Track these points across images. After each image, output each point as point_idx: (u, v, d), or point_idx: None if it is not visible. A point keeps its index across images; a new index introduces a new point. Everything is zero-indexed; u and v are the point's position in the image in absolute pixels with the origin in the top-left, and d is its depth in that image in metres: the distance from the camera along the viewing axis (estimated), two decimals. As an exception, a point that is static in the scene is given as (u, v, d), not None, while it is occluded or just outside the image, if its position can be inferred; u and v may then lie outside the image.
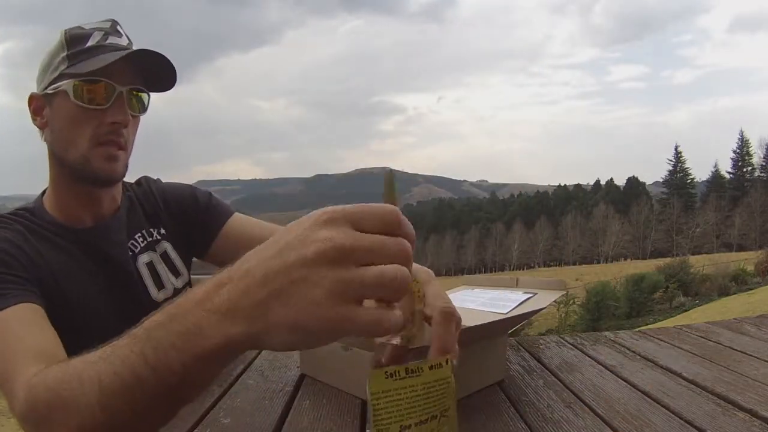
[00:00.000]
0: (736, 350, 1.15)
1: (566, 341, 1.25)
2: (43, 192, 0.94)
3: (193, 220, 1.05)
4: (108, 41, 0.87)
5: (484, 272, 71.00)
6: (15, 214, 0.89)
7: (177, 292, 0.99)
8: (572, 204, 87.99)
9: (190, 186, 1.09)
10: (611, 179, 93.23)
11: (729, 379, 0.95)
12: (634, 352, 1.15)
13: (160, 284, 0.97)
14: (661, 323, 12.94)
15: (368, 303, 0.38)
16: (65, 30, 0.87)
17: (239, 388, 0.91)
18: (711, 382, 0.93)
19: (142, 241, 0.98)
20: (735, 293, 17.44)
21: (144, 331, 0.46)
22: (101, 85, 0.84)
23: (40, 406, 0.55)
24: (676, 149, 77.74)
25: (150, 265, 0.97)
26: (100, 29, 0.87)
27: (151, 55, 0.87)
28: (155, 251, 0.99)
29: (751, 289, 17.52)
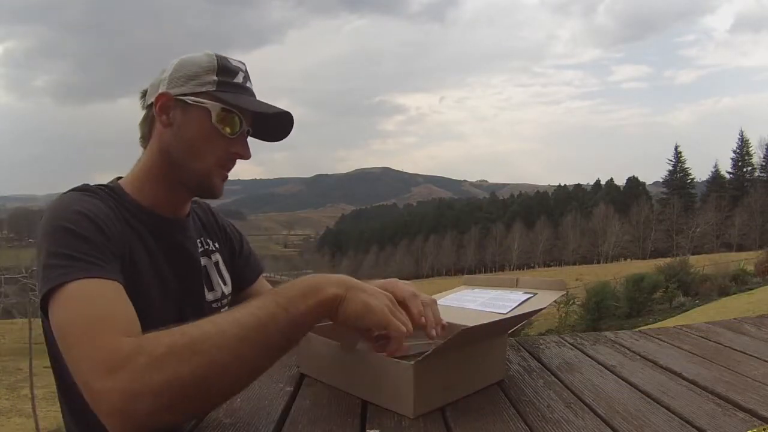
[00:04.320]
0: (736, 350, 1.15)
1: (566, 341, 1.25)
2: (117, 178, 0.98)
3: (236, 262, 1.15)
4: (247, 84, 0.98)
5: (484, 272, 70.97)
6: (101, 188, 0.92)
7: (224, 296, 1.07)
8: (572, 204, 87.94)
9: (239, 231, 1.21)
10: (611, 179, 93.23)
11: (729, 379, 0.95)
12: (634, 352, 1.15)
13: (210, 286, 1.04)
14: (661, 323, 12.93)
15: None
16: (216, 55, 0.95)
17: (239, 388, 0.91)
18: (711, 382, 0.93)
19: (201, 247, 1.05)
20: (735, 293, 17.39)
21: (273, 292, 0.72)
22: (236, 118, 0.94)
23: (158, 350, 0.63)
24: (676, 149, 77.72)
25: (204, 269, 1.04)
26: (241, 70, 0.97)
27: (285, 117, 0.99)
28: (210, 258, 1.07)
29: (751, 289, 17.46)
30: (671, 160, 77.83)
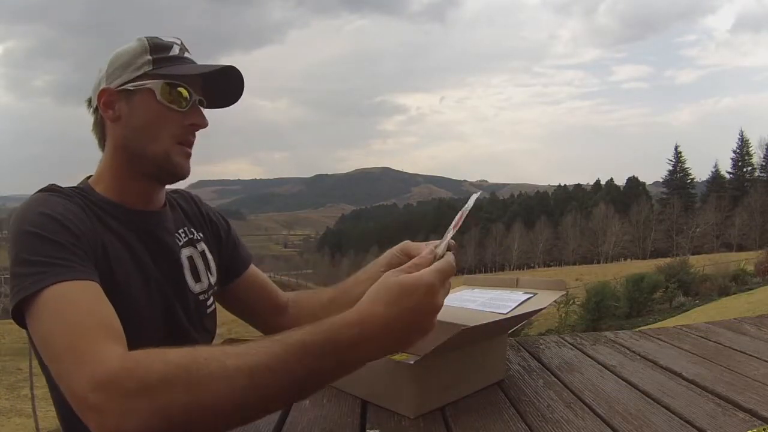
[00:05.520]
0: (736, 350, 1.15)
1: (566, 341, 1.25)
2: (86, 178, 0.96)
3: (223, 250, 1.10)
4: (185, 55, 0.95)
5: (484, 272, 70.92)
6: (70, 189, 0.89)
7: (210, 286, 1.03)
8: (572, 204, 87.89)
9: (226, 218, 1.16)
10: (611, 179, 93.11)
11: (729, 379, 0.95)
12: (634, 352, 1.15)
13: (197, 277, 1.00)
14: (661, 323, 12.91)
15: None
16: (145, 37, 0.93)
17: (239, 388, 0.91)
18: (711, 382, 0.93)
19: (184, 237, 1.01)
20: (735, 293, 17.36)
21: (303, 342, 0.60)
22: (183, 90, 0.91)
23: (150, 378, 0.58)
24: (676, 149, 77.63)
25: (190, 259, 1.00)
26: (176, 43, 0.94)
27: (233, 74, 0.94)
28: (196, 248, 1.03)
29: (751, 289, 17.43)
30: (671, 160, 77.82)
